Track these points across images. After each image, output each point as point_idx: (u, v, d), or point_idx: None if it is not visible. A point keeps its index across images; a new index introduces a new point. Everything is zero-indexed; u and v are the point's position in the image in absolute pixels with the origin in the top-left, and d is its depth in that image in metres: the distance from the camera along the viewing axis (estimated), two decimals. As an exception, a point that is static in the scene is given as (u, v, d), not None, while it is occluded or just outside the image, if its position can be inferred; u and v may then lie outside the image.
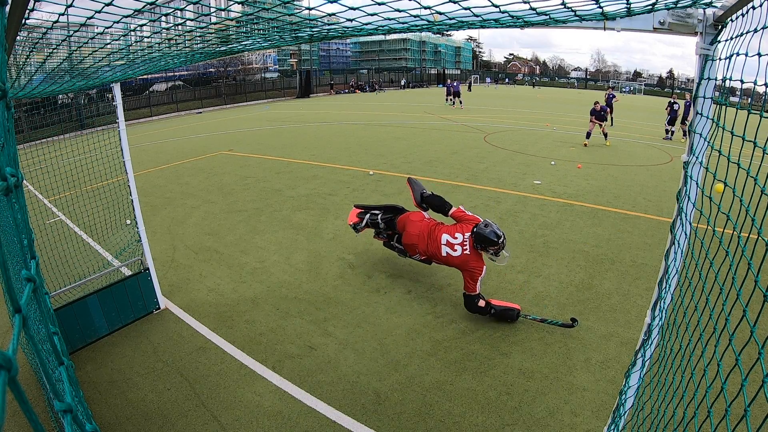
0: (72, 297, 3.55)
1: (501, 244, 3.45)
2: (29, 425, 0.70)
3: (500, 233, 3.46)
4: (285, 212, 6.47)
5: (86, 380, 3.04)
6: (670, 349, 1.58)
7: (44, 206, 6.94)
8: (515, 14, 1.31)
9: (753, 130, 1.03)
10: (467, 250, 3.55)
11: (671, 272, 1.56)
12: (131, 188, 3.74)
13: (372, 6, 1.24)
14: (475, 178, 8.09)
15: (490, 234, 3.44)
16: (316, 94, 36.33)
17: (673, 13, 1.34)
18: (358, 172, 8.80)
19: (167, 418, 2.68)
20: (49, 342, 0.88)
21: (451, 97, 23.56)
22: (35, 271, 0.75)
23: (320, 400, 2.79)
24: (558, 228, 5.58)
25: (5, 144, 0.90)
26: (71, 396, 0.78)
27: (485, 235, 3.45)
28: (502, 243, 3.45)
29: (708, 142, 1.39)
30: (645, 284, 4.13)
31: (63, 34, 1.58)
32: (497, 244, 3.44)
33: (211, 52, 2.55)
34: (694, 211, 1.48)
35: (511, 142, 12.13)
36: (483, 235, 3.45)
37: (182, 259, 4.99)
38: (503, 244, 3.47)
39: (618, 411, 1.89)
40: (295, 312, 3.83)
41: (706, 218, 1.27)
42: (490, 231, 3.45)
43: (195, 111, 26.31)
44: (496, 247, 3.45)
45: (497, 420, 2.60)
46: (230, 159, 10.62)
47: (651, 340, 1.64)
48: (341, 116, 19.59)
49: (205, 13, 1.55)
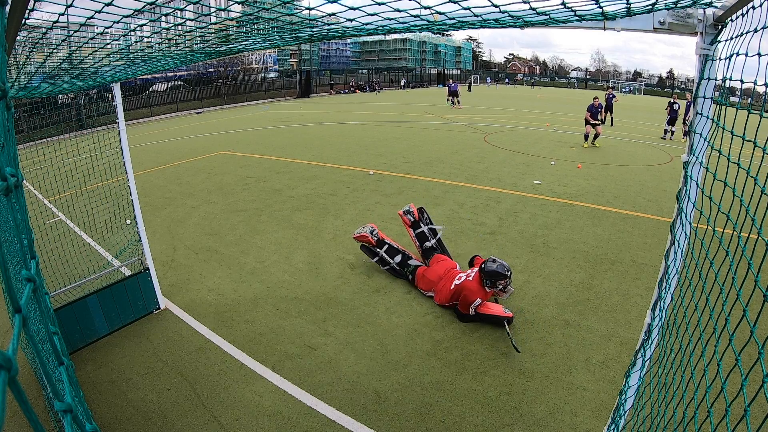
0: (72, 297, 3.55)
1: (510, 278, 3.57)
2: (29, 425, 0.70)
3: (508, 266, 3.61)
4: (285, 212, 6.47)
5: (86, 380, 3.04)
6: (670, 349, 1.58)
7: (44, 206, 6.94)
8: (515, 14, 1.31)
9: (753, 130, 1.03)
10: (470, 278, 3.70)
11: (671, 272, 1.56)
12: (131, 188, 3.74)
13: (372, 6, 1.24)
14: (475, 178, 8.09)
15: (499, 267, 3.56)
16: (316, 94, 36.33)
17: (673, 13, 1.34)
18: (358, 172, 8.80)
19: (167, 418, 2.68)
20: (49, 342, 0.88)
21: (452, 97, 23.65)
22: (35, 271, 0.75)
23: (320, 400, 2.79)
24: (558, 228, 5.58)
25: (5, 144, 0.90)
26: (71, 396, 0.78)
27: (495, 269, 3.56)
28: (510, 276, 3.58)
29: (708, 142, 1.39)
30: (645, 284, 4.13)
31: (63, 34, 1.58)
32: (506, 278, 3.54)
33: (211, 52, 2.55)
34: (694, 211, 1.48)
35: (511, 142, 12.13)
36: (492, 270, 3.56)
37: (182, 259, 4.99)
38: (511, 277, 3.60)
39: (618, 411, 1.89)
40: (295, 312, 3.83)
41: (706, 218, 1.27)
42: (499, 264, 3.58)
43: (195, 111, 26.30)
44: (505, 281, 3.55)
45: (497, 420, 2.60)
46: (230, 159, 10.62)
47: (651, 340, 1.64)
48: (341, 116, 19.59)
49: (205, 13, 1.55)
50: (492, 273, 3.54)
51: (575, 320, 3.59)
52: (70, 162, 4.93)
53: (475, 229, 5.51)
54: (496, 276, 3.53)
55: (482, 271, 3.59)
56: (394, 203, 6.63)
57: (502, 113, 20.30)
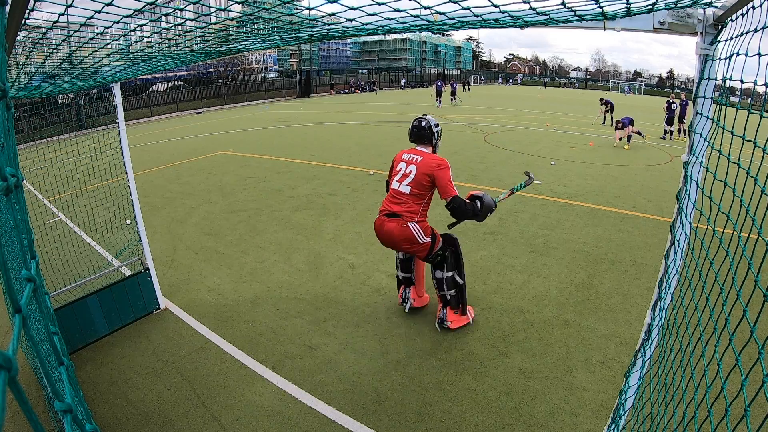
0: (72, 297, 3.55)
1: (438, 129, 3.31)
2: (29, 425, 0.70)
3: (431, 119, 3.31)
4: (285, 212, 6.47)
5: (86, 380, 3.04)
6: (670, 349, 1.58)
7: (44, 206, 6.93)
8: (515, 14, 1.31)
9: (753, 130, 1.03)
10: (424, 156, 3.23)
11: (671, 272, 1.56)
12: (131, 188, 3.74)
13: (372, 6, 1.24)
14: (475, 178, 8.09)
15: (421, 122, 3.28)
16: (316, 94, 36.33)
17: (673, 13, 1.34)
18: (358, 172, 8.80)
19: (167, 418, 2.68)
20: (49, 342, 0.88)
21: (453, 96, 23.62)
22: (35, 271, 0.75)
23: (320, 400, 2.79)
24: (558, 228, 5.58)
25: (5, 144, 0.90)
26: (71, 396, 0.78)
27: (420, 125, 3.28)
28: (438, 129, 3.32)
29: (708, 142, 1.39)
30: (645, 284, 4.13)
31: (63, 34, 1.58)
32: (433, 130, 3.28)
33: (211, 52, 2.55)
34: (694, 211, 1.48)
35: (511, 142, 12.13)
36: (420, 126, 3.28)
37: (182, 259, 4.99)
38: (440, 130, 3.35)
39: (618, 411, 1.89)
40: (295, 312, 3.83)
41: (706, 218, 1.27)
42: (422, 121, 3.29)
43: (195, 111, 26.29)
44: (438, 129, 3.31)
45: (497, 420, 2.60)
46: (230, 159, 10.62)
47: (651, 340, 1.64)
48: (341, 116, 19.58)
49: (205, 13, 1.55)
50: (420, 130, 3.29)
51: (575, 320, 3.59)
52: (70, 162, 4.93)
53: (475, 229, 5.50)
54: (425, 130, 3.28)
55: (412, 133, 3.35)
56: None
57: (502, 113, 20.30)
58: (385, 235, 3.26)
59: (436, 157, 3.20)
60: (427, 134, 3.29)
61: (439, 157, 3.23)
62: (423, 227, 3.21)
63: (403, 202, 3.19)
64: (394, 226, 3.18)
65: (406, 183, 3.19)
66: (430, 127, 3.30)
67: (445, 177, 3.08)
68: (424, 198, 3.21)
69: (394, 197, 3.25)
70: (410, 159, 3.24)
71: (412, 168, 3.18)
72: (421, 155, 3.22)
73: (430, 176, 3.11)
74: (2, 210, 1.12)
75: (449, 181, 3.07)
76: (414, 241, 3.19)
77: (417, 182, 3.14)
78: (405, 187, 3.19)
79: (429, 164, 3.13)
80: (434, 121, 3.35)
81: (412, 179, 3.17)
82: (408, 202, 3.18)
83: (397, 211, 3.18)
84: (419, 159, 3.20)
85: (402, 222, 3.16)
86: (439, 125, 3.38)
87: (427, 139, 3.31)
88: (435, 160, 3.16)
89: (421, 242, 3.20)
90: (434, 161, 3.14)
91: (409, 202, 3.18)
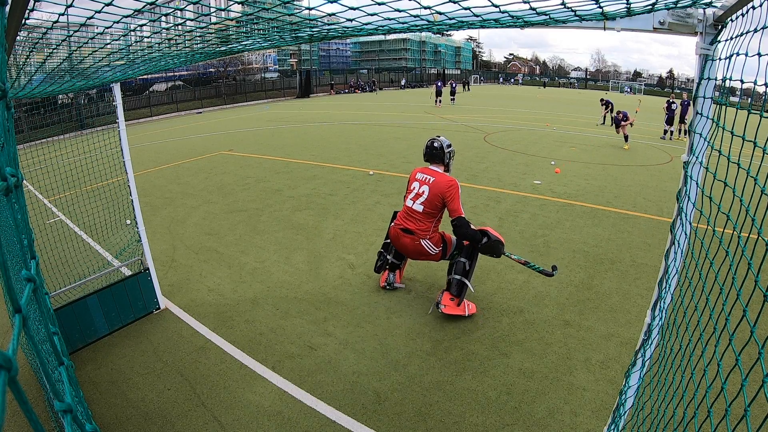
0: (72, 297, 3.55)
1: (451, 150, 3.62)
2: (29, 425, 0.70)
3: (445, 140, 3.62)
4: (285, 212, 6.47)
5: (86, 380, 3.04)
6: (670, 349, 1.58)
7: (44, 206, 6.94)
8: (515, 14, 1.31)
9: (753, 130, 1.03)
10: (436, 176, 3.54)
11: (671, 272, 1.56)
12: (131, 188, 3.74)
13: (372, 6, 1.24)
14: (475, 178, 8.09)
15: (436, 143, 3.59)
16: (316, 94, 36.33)
17: (673, 13, 1.34)
18: (358, 172, 8.80)
19: (167, 418, 2.68)
20: (49, 342, 0.88)
21: (452, 96, 23.72)
22: (35, 271, 0.75)
23: (320, 400, 2.79)
24: (558, 228, 5.58)
25: (5, 144, 0.90)
26: (71, 396, 0.78)
27: (433, 145, 3.59)
28: (451, 149, 3.62)
29: (708, 142, 1.39)
30: (645, 284, 4.13)
31: (63, 34, 1.58)
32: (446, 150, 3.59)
33: (211, 52, 2.55)
34: (694, 211, 1.48)
35: (511, 142, 12.13)
36: (432, 146, 3.59)
37: (182, 259, 4.99)
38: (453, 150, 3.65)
39: (618, 411, 1.89)
40: (295, 312, 3.83)
41: (706, 218, 1.27)
42: (437, 143, 3.60)
43: (195, 111, 26.30)
44: (450, 149, 3.60)
45: (497, 420, 2.60)
46: (230, 159, 10.62)
47: (651, 340, 1.64)
48: (341, 116, 19.59)
49: (205, 13, 1.55)
50: (433, 151, 3.63)
51: (575, 320, 3.59)
52: (70, 162, 4.93)
53: (475, 229, 5.50)
54: (439, 150, 3.60)
55: (427, 153, 3.67)
56: (394, 203, 6.63)
57: (502, 113, 20.30)
58: (400, 247, 3.72)
59: (447, 178, 3.49)
60: (440, 154, 3.60)
61: (450, 177, 3.52)
62: (434, 241, 3.60)
63: (416, 220, 3.56)
64: (408, 242, 3.60)
65: (419, 202, 3.52)
66: (442, 147, 3.60)
67: (455, 198, 3.40)
68: (436, 216, 3.56)
69: (409, 214, 3.62)
70: (423, 179, 3.56)
71: (425, 189, 3.51)
72: (434, 175, 3.52)
73: (441, 197, 3.43)
74: (2, 210, 1.12)
75: (458, 202, 3.41)
76: (427, 254, 3.62)
77: (429, 202, 3.48)
78: (418, 206, 3.53)
79: (440, 186, 3.45)
80: (447, 142, 3.64)
81: (425, 199, 3.49)
82: (421, 220, 3.55)
83: (411, 228, 3.57)
84: (432, 180, 3.50)
85: (416, 239, 3.56)
86: (451, 146, 3.67)
87: (439, 159, 3.62)
88: (446, 181, 3.46)
89: (433, 253, 3.62)
90: (445, 183, 3.45)
91: (422, 220, 3.54)
